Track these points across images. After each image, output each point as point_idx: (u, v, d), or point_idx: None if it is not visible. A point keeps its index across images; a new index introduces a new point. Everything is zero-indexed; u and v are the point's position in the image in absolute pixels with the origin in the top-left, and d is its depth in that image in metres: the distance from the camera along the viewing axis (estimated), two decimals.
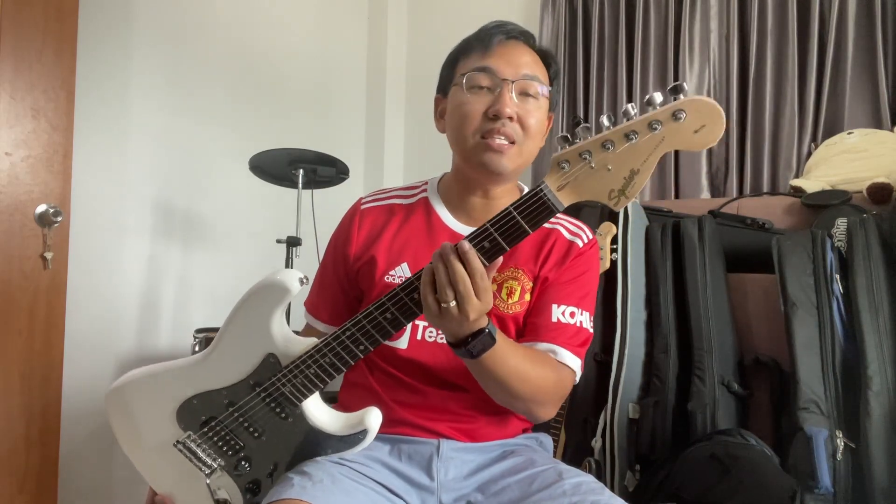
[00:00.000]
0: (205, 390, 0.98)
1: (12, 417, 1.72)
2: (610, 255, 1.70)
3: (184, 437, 0.99)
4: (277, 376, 0.93)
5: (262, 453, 0.97)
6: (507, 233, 0.81)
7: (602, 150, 0.74)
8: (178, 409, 0.99)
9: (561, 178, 0.77)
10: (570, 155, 0.76)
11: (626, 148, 0.74)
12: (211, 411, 0.98)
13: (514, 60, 1.03)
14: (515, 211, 0.80)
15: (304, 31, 2.87)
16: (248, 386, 0.95)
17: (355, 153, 3.07)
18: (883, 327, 1.39)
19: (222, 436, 0.98)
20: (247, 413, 0.96)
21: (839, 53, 2.11)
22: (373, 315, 0.88)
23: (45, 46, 1.75)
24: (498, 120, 1.01)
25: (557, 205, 0.78)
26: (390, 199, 1.16)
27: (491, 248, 0.81)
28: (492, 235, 0.81)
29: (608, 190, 0.76)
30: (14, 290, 1.71)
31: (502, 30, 1.06)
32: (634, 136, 0.73)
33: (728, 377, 1.57)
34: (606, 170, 0.75)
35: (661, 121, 0.72)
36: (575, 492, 0.92)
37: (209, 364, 0.98)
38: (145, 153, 2.28)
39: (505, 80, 1.01)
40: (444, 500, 1.00)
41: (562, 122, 2.66)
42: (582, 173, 0.76)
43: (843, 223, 1.55)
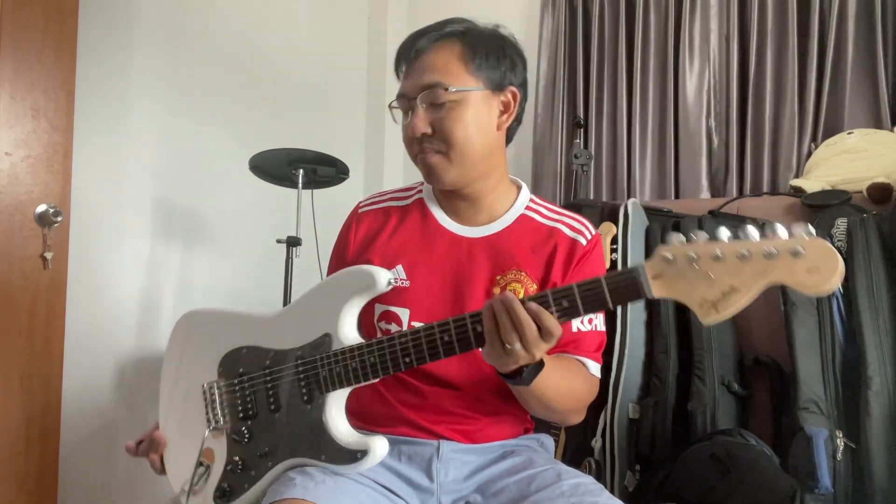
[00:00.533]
0: (256, 345, 1.00)
1: (12, 417, 1.72)
2: (610, 255, 1.70)
3: (213, 382, 1.01)
4: (322, 356, 0.94)
5: (267, 431, 0.97)
6: (588, 299, 0.80)
7: (710, 259, 0.73)
8: (226, 354, 1.02)
9: (661, 268, 0.76)
10: (678, 252, 0.75)
11: (735, 264, 0.72)
12: (249, 367, 0.99)
13: (414, 74, 1.02)
14: (605, 281, 0.79)
15: (304, 31, 2.87)
16: (293, 356, 0.96)
17: (355, 153, 3.07)
18: (883, 327, 1.39)
19: (244, 395, 0.99)
20: (277, 381, 0.97)
21: (839, 53, 2.11)
22: (432, 331, 0.87)
23: (45, 46, 1.75)
24: (415, 139, 1.03)
25: (647, 292, 0.76)
26: (386, 201, 1.16)
27: (569, 307, 0.80)
28: (573, 296, 0.80)
29: (701, 298, 0.74)
30: (14, 290, 1.71)
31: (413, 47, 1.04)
32: (747, 256, 0.71)
33: (728, 377, 1.57)
34: (708, 277, 0.73)
35: (779, 252, 0.70)
36: (573, 493, 0.92)
37: (273, 322, 1.00)
38: (145, 153, 2.27)
39: (412, 101, 1.02)
40: (443, 501, 1.00)
41: (562, 122, 2.66)
42: (683, 272, 0.75)
43: (843, 223, 1.55)
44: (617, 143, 2.53)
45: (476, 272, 1.05)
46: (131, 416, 2.22)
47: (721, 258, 0.72)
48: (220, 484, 0.99)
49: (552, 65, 2.71)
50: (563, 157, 2.64)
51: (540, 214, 1.11)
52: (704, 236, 0.74)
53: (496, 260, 1.05)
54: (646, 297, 0.77)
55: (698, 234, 0.75)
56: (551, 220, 1.10)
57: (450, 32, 1.03)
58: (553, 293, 0.81)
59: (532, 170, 2.74)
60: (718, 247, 0.73)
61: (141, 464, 2.12)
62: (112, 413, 2.18)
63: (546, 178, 2.68)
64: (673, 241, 0.76)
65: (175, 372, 1.09)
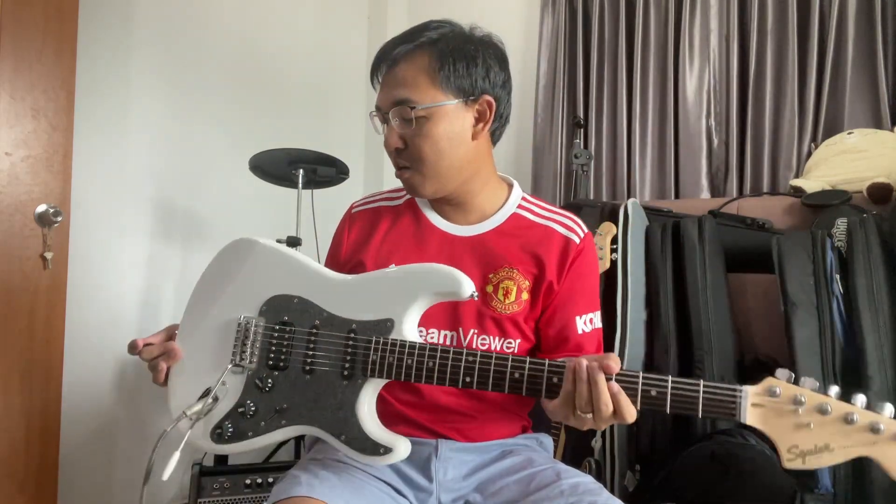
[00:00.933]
0: (311, 300, 0.97)
1: (12, 417, 1.72)
2: (610, 255, 1.70)
3: (252, 319, 0.97)
4: (379, 340, 0.91)
5: (292, 388, 0.94)
6: (678, 399, 0.77)
7: (816, 410, 0.73)
8: (274, 296, 0.98)
9: (763, 399, 0.76)
10: (785, 389, 0.75)
11: (839, 424, 0.73)
12: (296, 319, 0.96)
13: (387, 89, 1.03)
14: (703, 389, 0.77)
15: (304, 31, 2.88)
16: (346, 326, 0.94)
17: (355, 153, 3.07)
18: (883, 327, 1.39)
19: (281, 344, 0.96)
20: (321, 344, 0.94)
21: (839, 53, 2.11)
22: (504, 363, 0.85)
23: (45, 46, 1.75)
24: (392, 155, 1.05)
25: (742, 415, 0.76)
26: (378, 201, 1.17)
27: (656, 398, 0.78)
28: (665, 389, 0.78)
29: (793, 443, 0.74)
30: (14, 290, 1.71)
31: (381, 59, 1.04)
32: (853, 421, 0.72)
33: (728, 377, 1.57)
34: (807, 426, 0.74)
35: (885, 431, 0.71)
36: (573, 492, 0.92)
37: (335, 285, 0.98)
38: (145, 153, 2.28)
39: (386, 115, 1.02)
40: (442, 499, 1.00)
41: (562, 122, 2.66)
42: (784, 411, 0.75)
43: (843, 223, 1.55)
44: (617, 143, 2.53)
45: (468, 271, 1.04)
46: (131, 416, 2.22)
47: (827, 413, 0.73)
48: (223, 422, 0.95)
49: (552, 65, 2.71)
50: (563, 157, 2.64)
51: (532, 213, 1.10)
52: (814, 384, 0.75)
53: (488, 259, 1.05)
54: (738, 419, 0.76)
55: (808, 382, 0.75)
56: (544, 219, 1.10)
57: (422, 42, 1.01)
58: (645, 379, 0.80)
59: (532, 170, 2.74)
60: (827, 401, 0.74)
61: (141, 464, 2.11)
62: (112, 413, 2.18)
63: (546, 178, 2.68)
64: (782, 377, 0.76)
65: (212, 293, 1.03)
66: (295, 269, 1.00)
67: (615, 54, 2.55)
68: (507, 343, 1.05)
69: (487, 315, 1.03)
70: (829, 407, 0.73)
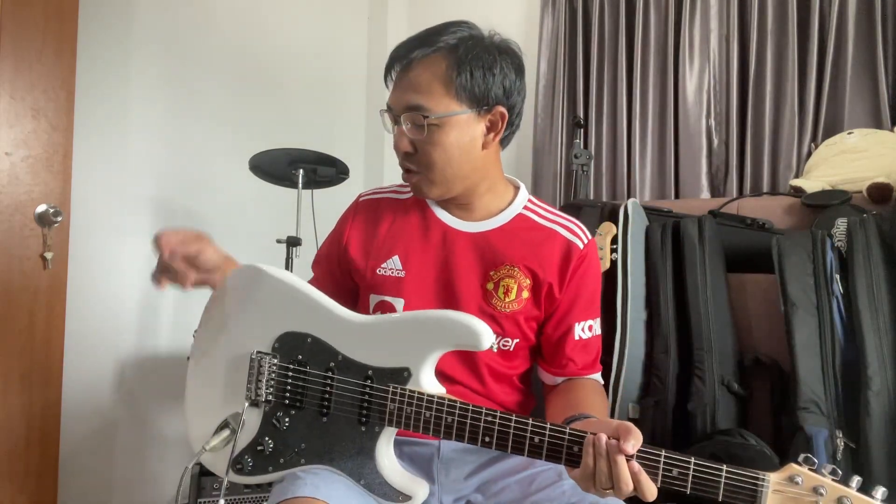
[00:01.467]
0: (326, 341, 0.95)
1: (12, 417, 1.72)
2: (610, 255, 1.70)
3: (266, 355, 0.96)
4: (395, 390, 0.89)
5: (310, 429, 0.94)
6: (700, 482, 0.77)
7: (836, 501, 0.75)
8: (287, 333, 0.96)
9: (784, 487, 0.76)
10: (807, 479, 0.76)
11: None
12: (311, 359, 0.94)
13: (401, 91, 1.01)
14: (725, 473, 0.77)
15: (305, 30, 2.87)
16: (363, 372, 0.92)
17: (355, 153, 3.07)
18: (883, 327, 1.39)
19: (297, 385, 0.94)
20: (337, 389, 0.93)
21: (839, 53, 2.11)
22: (524, 427, 0.83)
23: (45, 46, 1.75)
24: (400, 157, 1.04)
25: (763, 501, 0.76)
26: (386, 194, 1.17)
27: (677, 477, 0.78)
28: (687, 471, 0.78)
29: None
30: (14, 290, 1.71)
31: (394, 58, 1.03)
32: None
33: (728, 377, 1.57)
34: None
35: None
36: (574, 492, 0.92)
37: (351, 326, 0.94)
38: (145, 153, 2.27)
39: (397, 117, 1.02)
40: (444, 500, 1.00)
41: (562, 122, 2.66)
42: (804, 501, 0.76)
43: (843, 223, 1.55)
44: (617, 143, 2.53)
45: (470, 266, 1.05)
46: (131, 416, 2.22)
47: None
48: (242, 456, 0.95)
49: (552, 65, 2.70)
50: (563, 157, 2.64)
51: (537, 215, 1.11)
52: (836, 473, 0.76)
53: (490, 256, 1.06)
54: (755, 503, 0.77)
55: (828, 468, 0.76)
56: (548, 222, 1.10)
57: (440, 47, 0.99)
58: (667, 458, 0.79)
59: (532, 170, 2.74)
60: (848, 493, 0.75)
61: (141, 464, 2.13)
62: (112, 413, 2.18)
63: (546, 178, 2.68)
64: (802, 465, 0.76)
65: (221, 320, 1.01)
66: (306, 304, 0.97)
67: (615, 54, 2.55)
68: (504, 342, 1.05)
69: (487, 313, 1.04)
70: (849, 500, 0.75)
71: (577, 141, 2.34)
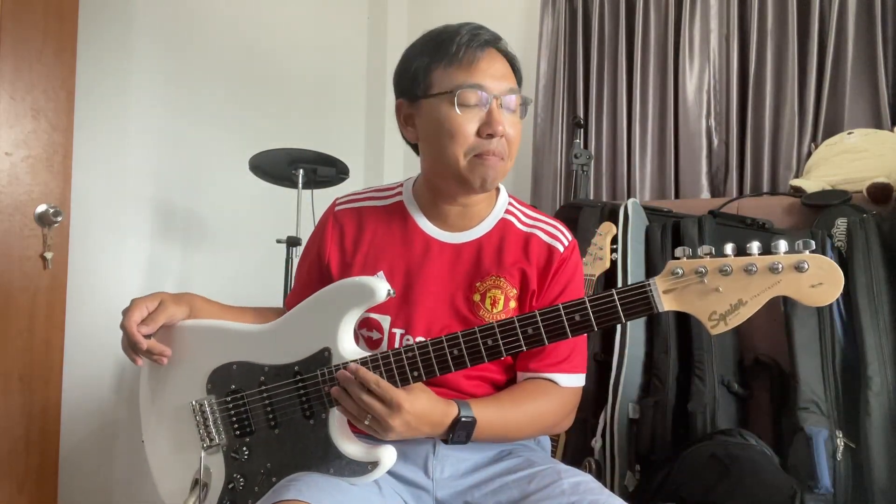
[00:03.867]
0: (248, 360, 0.97)
1: (12, 417, 1.72)
2: (610, 255, 1.70)
3: (203, 399, 0.99)
4: (324, 371, 0.92)
5: (268, 447, 0.96)
6: (600, 313, 0.82)
7: (718, 273, 0.77)
8: (214, 370, 0.99)
9: (671, 283, 0.79)
10: (687, 266, 0.79)
11: (742, 278, 0.76)
12: (242, 383, 0.97)
13: (497, 74, 1.00)
14: (617, 296, 0.81)
15: (304, 31, 2.88)
16: (290, 371, 0.94)
17: (355, 153, 3.07)
18: (883, 327, 1.39)
19: (240, 412, 0.97)
20: (275, 398, 0.95)
21: (839, 53, 2.11)
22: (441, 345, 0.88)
23: (45, 46, 1.75)
24: (493, 139, 0.98)
25: (659, 305, 0.80)
26: (364, 200, 1.14)
27: (581, 321, 0.83)
28: (585, 310, 0.82)
29: (711, 310, 0.78)
30: (14, 290, 1.71)
31: (481, 39, 1.00)
32: (753, 270, 0.76)
33: (728, 377, 1.56)
34: (716, 291, 0.78)
35: (784, 266, 0.75)
36: (574, 491, 0.92)
37: (264, 337, 0.98)
38: (145, 153, 2.28)
39: (495, 98, 0.99)
40: (439, 496, 1.00)
41: (562, 122, 2.66)
42: (692, 285, 0.79)
43: (843, 223, 1.55)
44: (617, 143, 2.53)
45: (455, 279, 1.04)
46: (131, 416, 2.22)
47: (729, 273, 0.77)
48: (222, 501, 0.98)
49: (552, 65, 2.71)
50: (563, 157, 2.64)
51: (518, 220, 1.10)
52: (709, 250, 0.78)
53: (476, 267, 1.05)
54: (657, 310, 0.80)
55: (704, 249, 0.79)
56: (528, 227, 1.09)
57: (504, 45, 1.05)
58: (565, 307, 0.82)
59: (532, 170, 2.74)
60: (726, 262, 0.77)
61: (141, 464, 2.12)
62: (112, 413, 2.18)
63: (546, 178, 2.68)
64: (681, 256, 0.79)
65: (157, 387, 1.05)
66: (220, 336, 1.01)
67: (615, 54, 2.55)
68: None
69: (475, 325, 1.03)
70: (728, 267, 0.77)
71: (577, 141, 2.34)
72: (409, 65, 1.04)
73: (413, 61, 1.03)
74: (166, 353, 1.01)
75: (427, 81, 1.01)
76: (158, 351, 1.01)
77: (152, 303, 1.03)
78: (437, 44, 1.01)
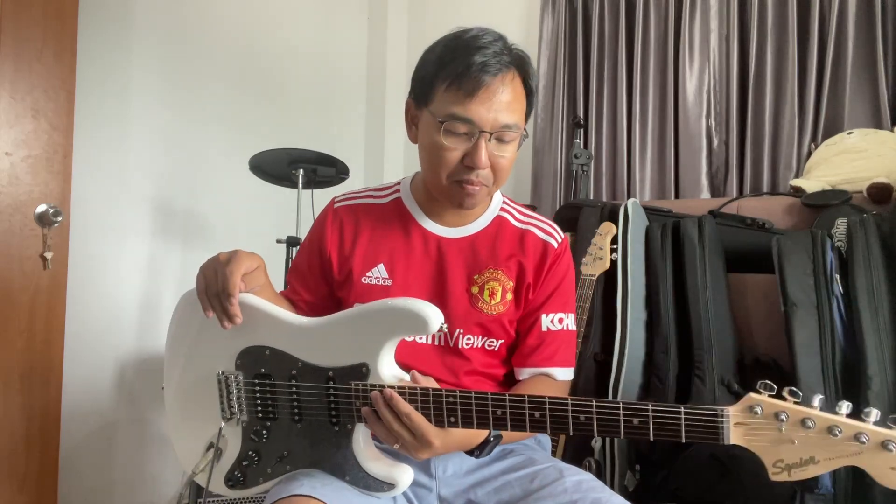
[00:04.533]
0: (283, 350, 0.95)
1: (12, 417, 1.72)
2: (610, 255, 1.70)
3: (231, 374, 0.97)
4: (358, 386, 0.90)
5: (288, 436, 0.95)
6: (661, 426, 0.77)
7: (799, 425, 0.73)
8: (246, 349, 0.97)
9: (745, 418, 0.75)
10: (768, 406, 0.74)
11: (823, 438, 0.72)
12: (274, 370, 0.95)
13: (493, 107, 0.95)
14: (685, 415, 0.76)
15: (305, 31, 2.88)
16: (324, 375, 0.92)
17: (355, 153, 3.07)
18: (883, 327, 1.39)
19: (266, 397, 0.96)
20: (303, 394, 0.94)
21: (839, 53, 2.11)
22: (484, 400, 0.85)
23: (45, 46, 1.75)
24: (473, 171, 0.97)
25: (726, 438, 0.76)
26: (363, 198, 1.15)
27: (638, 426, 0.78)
28: (646, 416, 0.78)
29: (778, 458, 0.74)
30: (14, 290, 1.71)
31: (490, 70, 0.95)
32: (837, 433, 0.72)
33: (728, 377, 1.56)
34: (791, 441, 0.73)
35: (870, 439, 0.71)
36: (576, 489, 0.92)
37: (304, 332, 0.95)
38: (145, 153, 2.28)
39: (483, 133, 0.95)
40: (443, 494, 1.01)
41: (562, 122, 2.66)
42: (767, 429, 0.75)
43: (843, 223, 1.55)
44: (617, 143, 2.53)
45: (454, 272, 1.06)
46: (131, 416, 2.22)
47: (811, 428, 0.72)
48: (233, 472, 0.97)
49: (552, 65, 2.71)
50: (563, 157, 2.64)
51: (513, 217, 1.13)
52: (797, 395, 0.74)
53: (474, 260, 1.07)
54: (721, 441, 0.76)
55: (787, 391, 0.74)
56: (523, 224, 1.12)
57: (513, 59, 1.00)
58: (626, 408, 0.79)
59: (532, 170, 2.74)
60: (810, 415, 0.73)
61: (141, 464, 2.14)
62: (112, 413, 2.18)
63: (546, 178, 2.68)
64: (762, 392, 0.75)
65: (184, 348, 1.03)
66: (257, 318, 0.97)
67: (615, 54, 2.55)
68: (489, 342, 1.07)
69: (474, 316, 1.05)
70: (812, 422, 0.72)
71: (577, 141, 2.34)
72: (422, 67, 1.03)
73: (426, 66, 1.02)
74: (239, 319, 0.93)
75: (430, 93, 1.00)
76: (234, 313, 0.93)
77: (253, 263, 0.96)
78: (453, 57, 0.97)
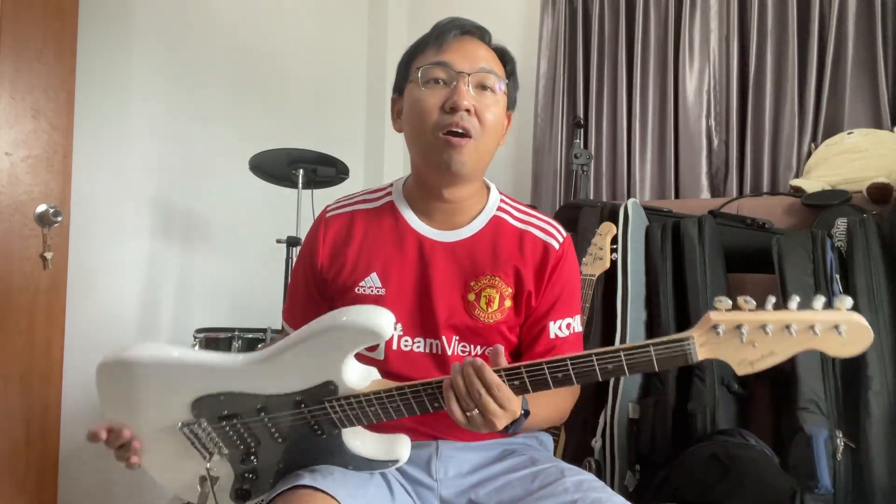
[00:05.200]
0: (238, 391, 0.91)
1: (12, 417, 1.72)
2: (610, 255, 1.70)
3: (192, 422, 0.93)
4: (332, 402, 0.89)
5: (277, 453, 0.95)
6: (634, 360, 0.81)
7: (758, 331, 0.77)
8: (198, 399, 0.93)
9: (708, 337, 0.79)
10: (728, 323, 0.78)
11: (781, 336, 0.77)
12: (236, 409, 0.92)
13: (469, 54, 1.00)
14: (653, 347, 0.80)
15: (304, 31, 2.88)
16: (292, 401, 0.90)
17: (355, 153, 3.07)
18: (883, 327, 1.39)
19: (240, 432, 0.94)
20: (279, 422, 0.92)
21: (839, 53, 2.11)
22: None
23: (45, 46, 1.75)
24: (455, 112, 0.97)
25: (694, 357, 0.80)
26: (355, 204, 1.13)
27: (612, 368, 0.82)
28: (619, 357, 0.81)
29: (741, 358, 0.79)
30: (14, 290, 1.71)
31: (456, 24, 1.03)
32: (793, 330, 0.76)
33: (728, 377, 1.56)
34: (752, 346, 0.78)
35: (824, 328, 0.76)
36: (577, 489, 0.92)
37: (256, 368, 0.91)
38: (145, 153, 2.28)
39: (461, 73, 0.98)
40: (444, 494, 1.01)
41: (562, 122, 2.66)
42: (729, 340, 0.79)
43: (843, 223, 1.55)
44: (617, 143, 2.53)
45: (449, 278, 1.03)
46: None
47: (769, 332, 0.77)
48: (236, 490, 0.97)
49: (552, 65, 2.71)
50: (563, 157, 2.64)
51: (511, 216, 1.09)
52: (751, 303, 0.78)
53: (470, 266, 1.04)
54: (691, 362, 0.80)
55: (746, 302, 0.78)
56: (522, 223, 1.08)
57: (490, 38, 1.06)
58: (598, 355, 0.81)
59: (532, 170, 2.74)
60: (766, 319, 0.77)
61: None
62: None
63: (546, 178, 2.68)
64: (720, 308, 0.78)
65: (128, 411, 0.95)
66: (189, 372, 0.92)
67: (615, 54, 2.55)
68: (489, 350, 1.02)
69: (470, 325, 1.02)
70: (769, 327, 0.77)
71: (577, 141, 2.35)
72: (401, 60, 1.09)
73: (405, 56, 1.08)
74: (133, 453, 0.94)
75: (408, 70, 1.05)
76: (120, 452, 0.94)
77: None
78: (424, 37, 1.05)
